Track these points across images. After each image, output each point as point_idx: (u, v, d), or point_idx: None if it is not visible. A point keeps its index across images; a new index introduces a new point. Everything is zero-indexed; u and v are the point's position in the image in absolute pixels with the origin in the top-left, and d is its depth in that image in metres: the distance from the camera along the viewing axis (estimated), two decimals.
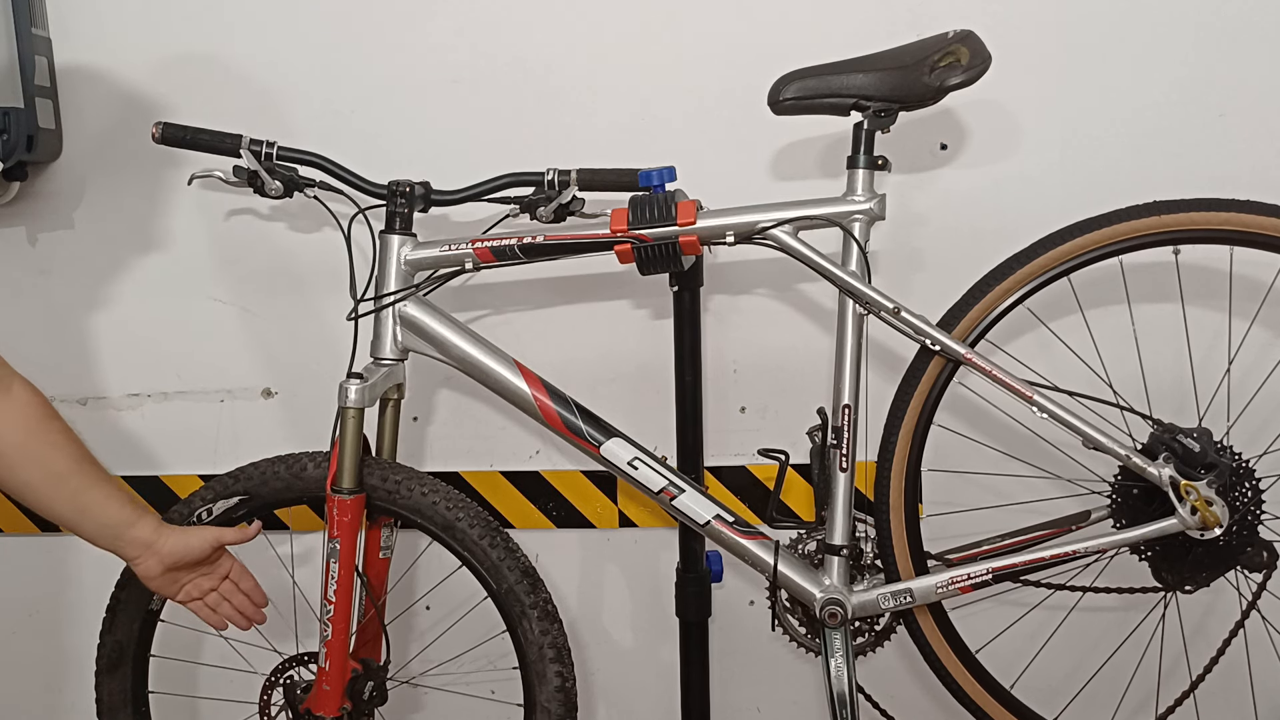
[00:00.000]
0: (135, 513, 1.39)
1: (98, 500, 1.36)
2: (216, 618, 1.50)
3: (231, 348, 1.91)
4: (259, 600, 1.53)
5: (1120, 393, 1.58)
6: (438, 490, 1.53)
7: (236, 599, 1.50)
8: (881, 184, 1.45)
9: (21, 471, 1.32)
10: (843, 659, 1.50)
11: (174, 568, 1.42)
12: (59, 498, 1.35)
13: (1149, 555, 1.49)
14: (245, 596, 1.51)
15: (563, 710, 1.53)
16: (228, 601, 1.50)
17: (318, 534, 1.58)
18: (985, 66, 1.40)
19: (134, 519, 1.38)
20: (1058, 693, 1.73)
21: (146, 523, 1.39)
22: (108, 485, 1.38)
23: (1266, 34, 1.70)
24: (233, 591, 1.50)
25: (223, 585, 1.49)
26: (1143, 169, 1.73)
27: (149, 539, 1.39)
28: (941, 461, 1.71)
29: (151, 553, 1.40)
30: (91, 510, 1.36)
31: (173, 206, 1.87)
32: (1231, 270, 1.67)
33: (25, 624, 2.02)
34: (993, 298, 1.47)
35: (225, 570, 1.49)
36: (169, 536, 1.41)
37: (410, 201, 1.53)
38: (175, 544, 1.41)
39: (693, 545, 1.75)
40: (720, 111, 1.77)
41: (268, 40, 1.82)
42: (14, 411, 1.31)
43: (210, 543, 1.44)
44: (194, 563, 1.44)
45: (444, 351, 1.52)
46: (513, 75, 1.80)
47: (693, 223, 1.44)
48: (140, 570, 1.41)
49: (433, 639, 1.92)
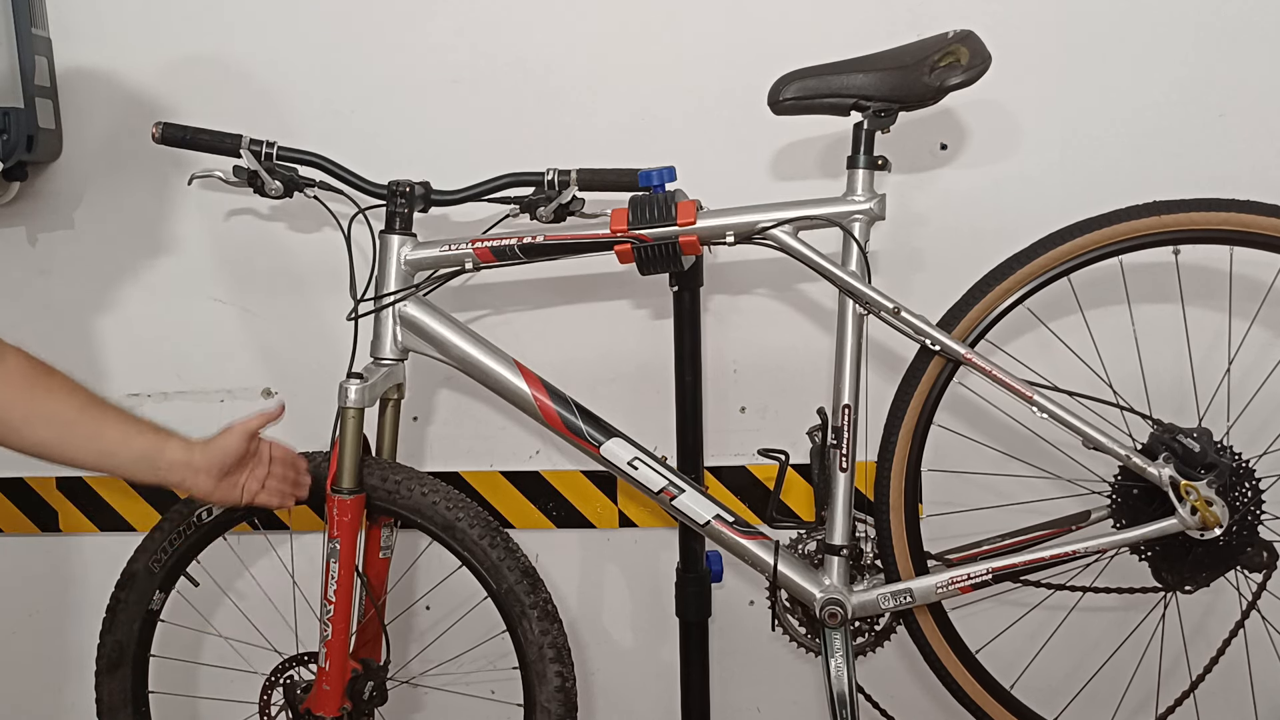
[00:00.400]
0: (160, 437, 1.36)
1: (117, 437, 1.33)
2: (282, 498, 1.48)
3: (231, 348, 1.91)
4: (301, 466, 1.52)
5: (1120, 393, 1.57)
6: (438, 490, 1.53)
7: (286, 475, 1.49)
8: (881, 184, 1.45)
9: (31, 432, 1.30)
10: (843, 659, 1.50)
11: (223, 474, 1.40)
12: (77, 445, 1.32)
13: (1149, 555, 1.49)
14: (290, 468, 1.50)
15: (563, 710, 1.53)
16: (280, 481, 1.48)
17: (318, 534, 1.57)
18: (985, 66, 1.40)
19: (161, 443, 1.36)
20: (1058, 693, 1.72)
21: (175, 443, 1.37)
22: (123, 420, 1.35)
23: (1266, 34, 1.70)
24: (281, 470, 1.49)
25: (272, 468, 1.47)
26: (1143, 169, 1.73)
27: (184, 458, 1.37)
28: (941, 461, 1.71)
29: (194, 470, 1.37)
30: (116, 449, 1.34)
31: (173, 207, 1.87)
32: (1231, 270, 1.67)
33: (25, 624, 2.02)
34: (993, 298, 1.47)
35: (267, 454, 1.47)
36: (203, 449, 1.38)
37: (410, 201, 1.53)
38: (213, 452, 1.39)
39: (693, 545, 1.75)
40: (720, 111, 1.77)
41: (268, 40, 1.82)
42: (9, 377, 1.29)
43: (242, 438, 1.41)
44: (238, 462, 1.41)
45: (444, 351, 1.52)
46: (513, 75, 1.80)
47: (693, 223, 1.44)
48: (197, 490, 1.39)
49: (433, 639, 1.92)
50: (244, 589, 1.94)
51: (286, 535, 1.87)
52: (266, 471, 1.46)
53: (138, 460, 1.35)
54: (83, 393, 1.34)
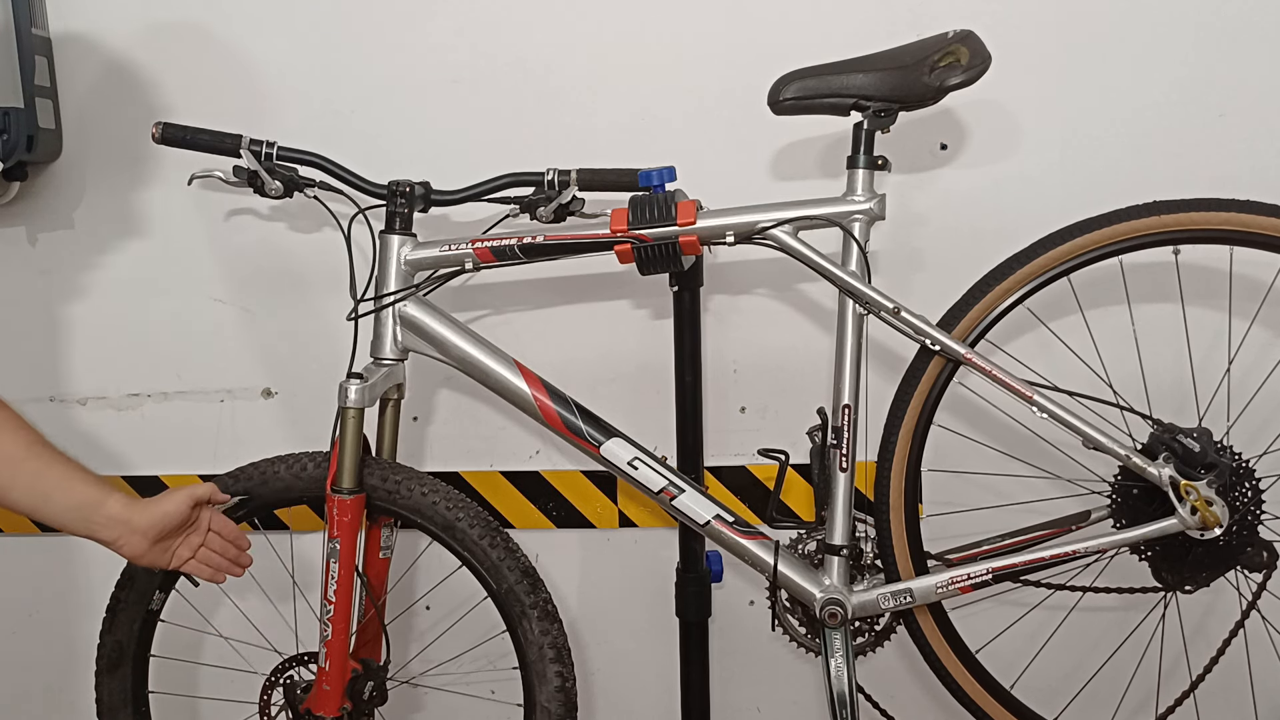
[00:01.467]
0: (102, 491, 1.31)
1: (58, 483, 1.28)
2: (213, 573, 1.43)
3: (231, 348, 1.91)
4: (243, 544, 1.47)
5: (1120, 393, 1.58)
6: (438, 490, 1.53)
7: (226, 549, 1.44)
8: (881, 184, 1.45)
9: None
10: (843, 659, 1.50)
11: (159, 539, 1.35)
12: (17, 485, 1.27)
13: (1149, 555, 1.49)
14: (231, 544, 1.45)
15: (563, 710, 1.53)
16: (217, 554, 1.43)
17: (318, 534, 1.57)
18: (985, 66, 1.40)
19: (101, 498, 1.30)
20: (1058, 693, 1.73)
21: (115, 499, 1.31)
22: (66, 466, 1.30)
23: (1266, 34, 1.70)
24: (220, 543, 1.44)
25: (209, 538, 1.42)
26: (1143, 169, 1.73)
27: (122, 515, 1.31)
28: (941, 461, 1.71)
29: (130, 530, 1.31)
30: (54, 495, 1.28)
31: (173, 207, 1.87)
32: (1231, 270, 1.67)
33: (25, 624, 2.02)
34: (993, 298, 1.47)
35: (206, 524, 1.42)
36: (143, 510, 1.32)
37: (410, 201, 1.53)
38: (152, 514, 1.33)
39: (693, 545, 1.75)
40: (720, 111, 1.77)
41: (268, 40, 1.82)
42: None
43: (185, 504, 1.36)
44: (175, 528, 1.37)
45: (444, 351, 1.53)
46: (513, 75, 1.80)
47: (693, 223, 1.44)
48: (126, 551, 1.34)
49: (433, 639, 1.92)
50: (244, 589, 1.94)
51: (286, 535, 1.87)
52: (201, 541, 1.42)
53: (74, 509, 1.30)
54: (31, 432, 1.30)
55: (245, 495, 1.56)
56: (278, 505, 1.57)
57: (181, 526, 1.38)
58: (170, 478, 1.92)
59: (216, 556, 1.43)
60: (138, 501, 1.34)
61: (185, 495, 1.37)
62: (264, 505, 1.57)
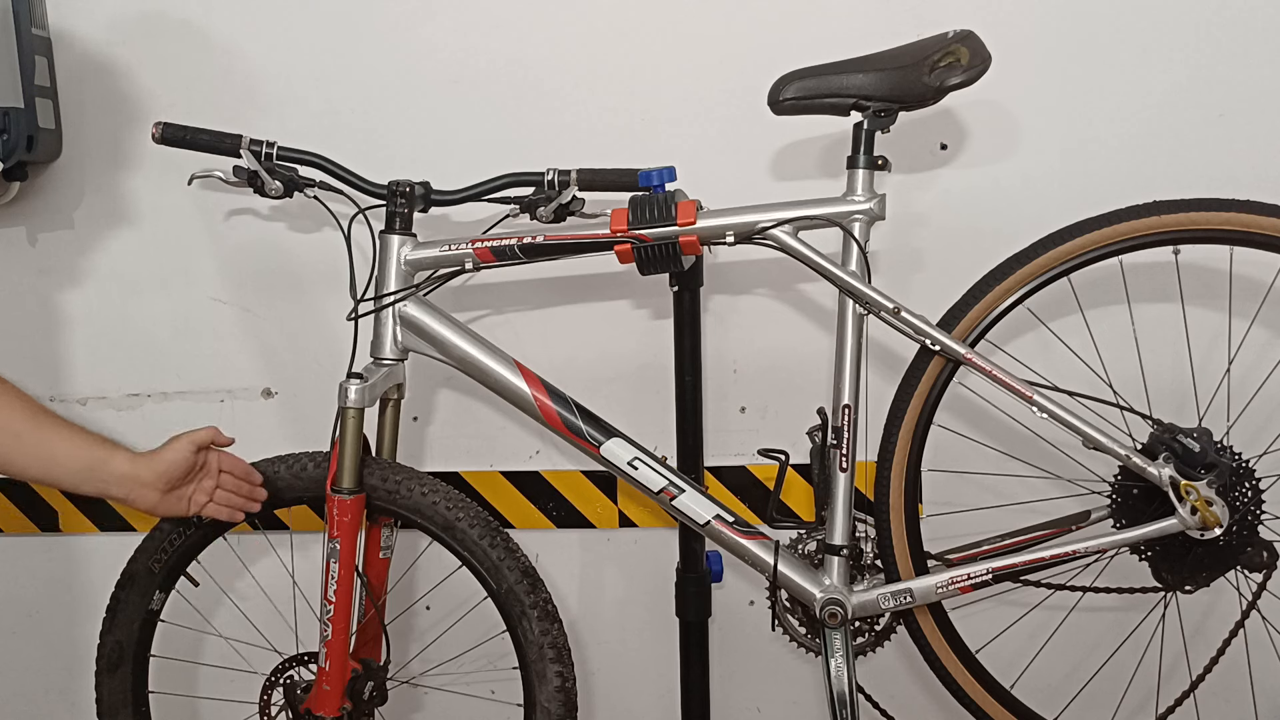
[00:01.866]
0: (107, 449, 1.36)
1: (63, 449, 1.33)
2: (231, 512, 1.48)
3: (231, 348, 1.91)
4: (255, 479, 1.51)
5: (1120, 393, 1.57)
6: (438, 490, 1.53)
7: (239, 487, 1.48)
8: (881, 184, 1.45)
9: None
10: (843, 659, 1.50)
11: (169, 487, 1.39)
12: (24, 456, 1.32)
13: (1149, 555, 1.49)
14: (243, 480, 1.49)
15: (563, 710, 1.53)
16: (232, 494, 1.48)
17: (318, 534, 1.57)
18: (985, 66, 1.40)
19: (107, 455, 1.35)
20: (1058, 693, 1.73)
21: (120, 456, 1.36)
22: (70, 431, 1.35)
23: (1266, 34, 1.70)
24: (233, 482, 1.48)
25: (222, 479, 1.47)
26: (1143, 169, 1.73)
27: (129, 470, 1.36)
28: (941, 461, 1.71)
29: (139, 484, 1.37)
30: (60, 459, 1.33)
31: (173, 207, 1.87)
32: (1231, 270, 1.67)
33: (25, 624, 2.02)
34: (993, 298, 1.47)
35: (215, 465, 1.46)
36: (148, 462, 1.37)
37: (410, 201, 1.53)
38: (156, 465, 1.38)
39: (693, 545, 1.74)
40: (720, 111, 1.77)
41: (268, 40, 1.82)
42: None
43: (189, 448, 1.40)
44: (184, 474, 1.40)
45: (444, 351, 1.52)
46: (513, 75, 1.80)
47: (693, 223, 1.44)
48: (141, 504, 1.38)
49: (433, 639, 1.92)
50: (244, 589, 1.94)
51: (286, 535, 1.87)
52: (215, 484, 1.46)
53: (82, 471, 1.35)
54: (32, 403, 1.34)
55: None
56: (278, 505, 1.57)
57: (189, 473, 1.42)
58: None
59: (232, 496, 1.47)
60: (141, 455, 1.38)
61: (186, 441, 1.41)
62: (264, 505, 1.57)
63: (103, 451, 1.36)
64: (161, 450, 1.40)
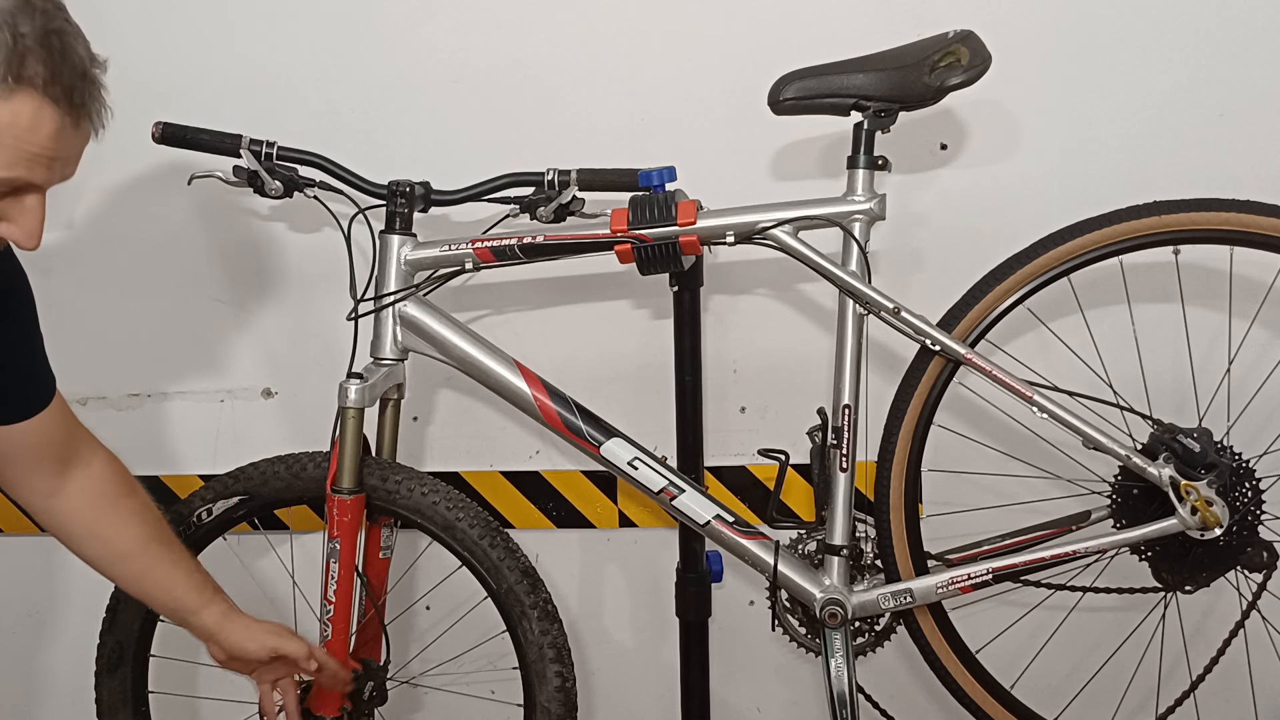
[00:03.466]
0: (199, 600, 1.39)
1: (161, 584, 1.39)
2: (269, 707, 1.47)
3: (231, 348, 1.91)
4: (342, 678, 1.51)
5: (1120, 393, 1.58)
6: (438, 490, 1.53)
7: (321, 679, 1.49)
8: (881, 184, 1.45)
9: (87, 548, 1.38)
10: (843, 659, 1.50)
11: (235, 658, 1.42)
12: (123, 575, 1.41)
13: (1149, 555, 1.49)
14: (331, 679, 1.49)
15: (563, 710, 1.53)
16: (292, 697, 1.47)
17: (318, 534, 1.57)
18: (985, 66, 1.40)
19: (197, 608, 1.39)
20: (1058, 693, 1.72)
21: (210, 613, 1.39)
22: (172, 569, 1.39)
23: (1266, 34, 1.70)
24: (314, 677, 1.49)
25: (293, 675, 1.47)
26: (1143, 169, 1.73)
27: (211, 630, 1.40)
28: (941, 461, 1.71)
29: (213, 642, 1.41)
30: (154, 592, 1.40)
31: (172, 207, 1.87)
32: (1231, 270, 1.66)
33: (25, 624, 2.02)
34: (993, 298, 1.47)
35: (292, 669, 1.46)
36: (229, 632, 1.40)
37: (410, 201, 1.53)
38: (232, 642, 1.40)
39: (693, 545, 1.74)
40: (720, 111, 1.77)
41: (268, 40, 1.82)
42: (88, 490, 1.35)
43: (267, 651, 1.41)
44: (253, 662, 1.43)
45: (444, 351, 1.53)
46: (513, 75, 1.80)
47: (693, 223, 1.44)
48: (210, 653, 1.43)
49: (433, 639, 1.92)
50: (244, 589, 1.93)
51: (286, 535, 1.87)
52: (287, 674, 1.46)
53: (172, 611, 1.42)
54: (151, 524, 1.39)
55: (245, 495, 1.56)
56: (278, 505, 1.57)
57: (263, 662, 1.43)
58: (170, 478, 1.92)
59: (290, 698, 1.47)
60: (229, 624, 1.41)
61: (272, 644, 1.42)
62: (264, 505, 1.57)
63: (195, 603, 1.39)
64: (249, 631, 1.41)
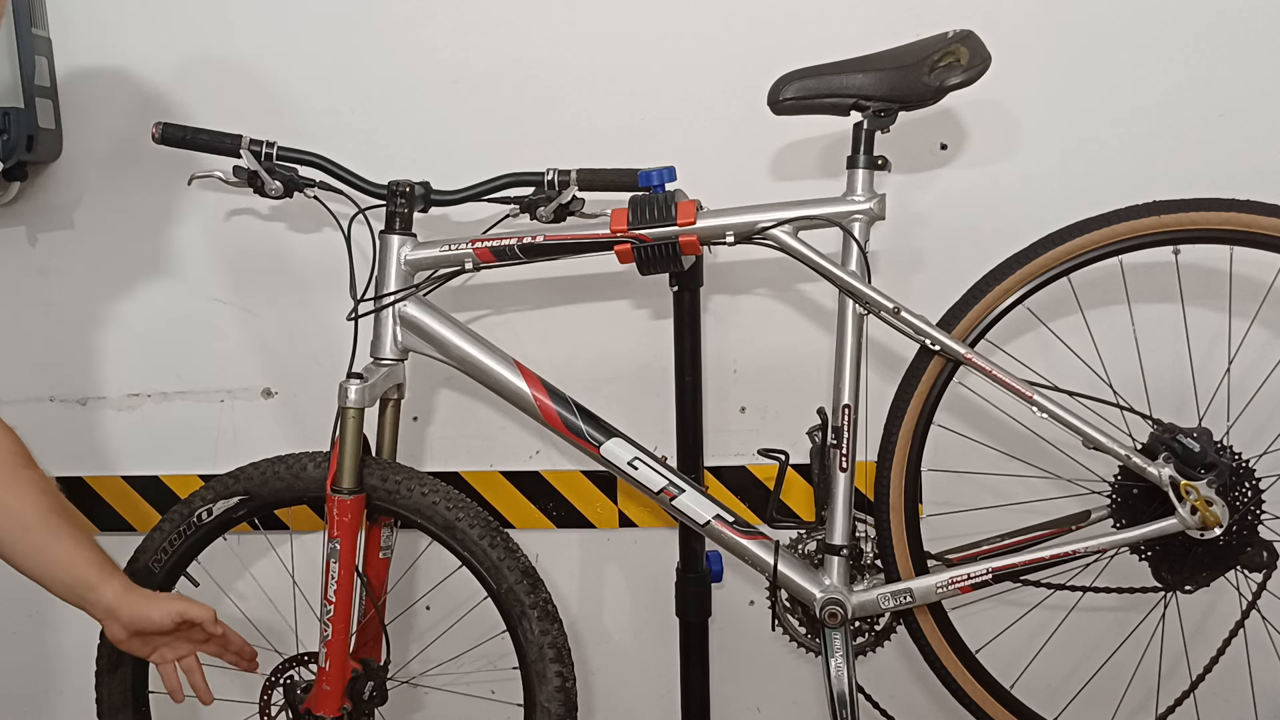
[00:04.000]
0: (99, 575, 1.34)
1: (61, 558, 1.33)
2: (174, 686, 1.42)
3: (231, 348, 1.91)
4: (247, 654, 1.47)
5: (1120, 393, 1.57)
6: (438, 490, 1.53)
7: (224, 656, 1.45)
8: (881, 184, 1.45)
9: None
10: (843, 659, 1.50)
11: (137, 634, 1.37)
12: (22, 550, 1.33)
13: (1149, 555, 1.49)
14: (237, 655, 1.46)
15: (563, 710, 1.53)
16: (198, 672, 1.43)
17: (318, 534, 1.57)
18: (985, 66, 1.40)
19: (96, 582, 1.34)
20: (1058, 693, 1.72)
21: (110, 587, 1.34)
22: (73, 543, 1.34)
23: (1266, 34, 1.70)
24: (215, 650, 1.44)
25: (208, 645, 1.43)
26: (1143, 169, 1.73)
27: (110, 604, 1.34)
28: (941, 461, 1.71)
29: (113, 619, 1.35)
30: (53, 568, 1.33)
31: (172, 207, 1.87)
32: (1231, 270, 1.66)
33: (25, 624, 2.02)
34: (993, 298, 1.47)
35: (200, 639, 1.42)
36: (130, 605, 1.35)
37: (410, 201, 1.53)
38: (135, 614, 1.35)
39: (693, 545, 1.74)
40: (720, 111, 1.77)
41: (268, 40, 1.82)
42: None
43: (172, 617, 1.36)
44: (157, 632, 1.38)
45: (444, 351, 1.53)
46: (513, 75, 1.80)
47: (693, 223, 1.44)
48: (108, 633, 1.38)
49: (433, 639, 1.92)
50: (244, 589, 1.94)
51: (286, 535, 1.87)
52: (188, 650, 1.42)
53: (70, 586, 1.34)
54: (50, 498, 1.34)
55: (245, 495, 1.56)
56: (278, 505, 1.57)
57: (167, 633, 1.39)
58: (170, 478, 1.92)
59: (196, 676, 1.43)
60: (130, 596, 1.36)
61: (176, 610, 1.37)
62: (264, 505, 1.57)
63: (96, 576, 1.34)
64: (149, 602, 1.37)
